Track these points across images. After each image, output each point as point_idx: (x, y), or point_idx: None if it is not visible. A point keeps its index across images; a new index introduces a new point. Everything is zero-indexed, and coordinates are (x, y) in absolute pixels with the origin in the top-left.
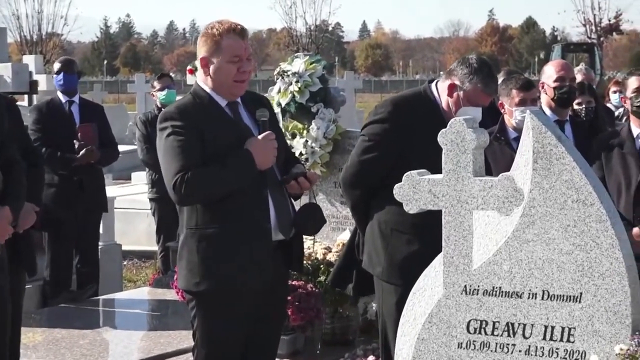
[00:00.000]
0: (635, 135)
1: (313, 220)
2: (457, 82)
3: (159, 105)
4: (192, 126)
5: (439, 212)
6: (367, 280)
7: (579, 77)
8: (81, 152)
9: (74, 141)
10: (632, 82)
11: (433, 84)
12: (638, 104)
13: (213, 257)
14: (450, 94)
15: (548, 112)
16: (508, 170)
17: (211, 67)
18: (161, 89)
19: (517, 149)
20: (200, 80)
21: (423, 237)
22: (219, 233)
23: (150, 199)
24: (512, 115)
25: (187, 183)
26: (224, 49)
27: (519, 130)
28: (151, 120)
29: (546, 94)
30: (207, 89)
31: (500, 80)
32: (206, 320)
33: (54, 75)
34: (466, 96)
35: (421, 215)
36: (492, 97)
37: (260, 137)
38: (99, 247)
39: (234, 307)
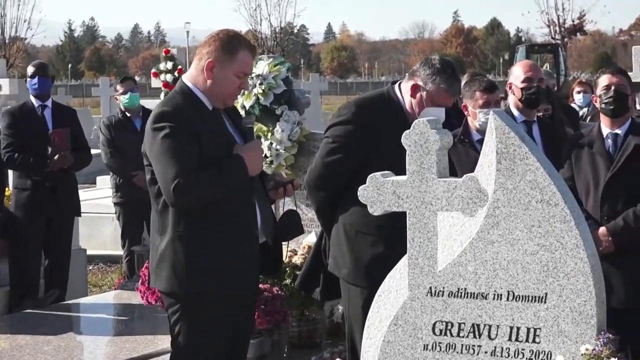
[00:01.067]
0: (604, 135)
1: (293, 227)
2: (420, 83)
3: (122, 109)
4: (189, 128)
5: (404, 214)
6: (334, 284)
7: None
8: (54, 158)
9: (48, 146)
10: (602, 80)
11: (396, 85)
12: (606, 101)
13: (202, 260)
14: (413, 95)
15: (516, 112)
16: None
17: (215, 72)
18: (124, 93)
19: (481, 151)
20: (193, 80)
21: (388, 238)
22: (210, 237)
23: (115, 203)
24: (475, 117)
25: (187, 186)
26: (237, 62)
27: (482, 132)
28: (115, 124)
29: (514, 94)
30: (196, 91)
31: (463, 83)
32: (191, 323)
33: (28, 79)
34: (429, 97)
35: (386, 216)
36: (455, 98)
37: (249, 144)
38: None
39: (223, 310)
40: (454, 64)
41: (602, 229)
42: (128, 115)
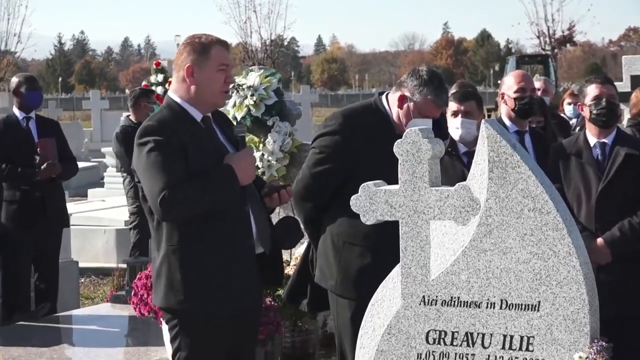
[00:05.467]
0: (592, 144)
1: (291, 233)
2: (407, 94)
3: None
4: (175, 141)
5: (391, 224)
6: (321, 296)
7: (537, 86)
8: (42, 167)
9: (35, 156)
10: (591, 90)
11: (383, 96)
12: (598, 112)
13: (198, 274)
14: (400, 106)
15: (508, 122)
16: None
17: (197, 76)
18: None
19: (467, 163)
20: (177, 92)
21: (376, 249)
22: (203, 250)
23: (133, 214)
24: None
25: (173, 199)
26: (212, 58)
27: (467, 144)
28: (129, 133)
29: (506, 104)
30: (181, 102)
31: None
32: (192, 339)
33: (27, 92)
34: (416, 108)
35: (373, 227)
36: (443, 109)
37: (239, 152)
38: None
39: (220, 325)
40: (442, 75)
41: (599, 240)
42: None
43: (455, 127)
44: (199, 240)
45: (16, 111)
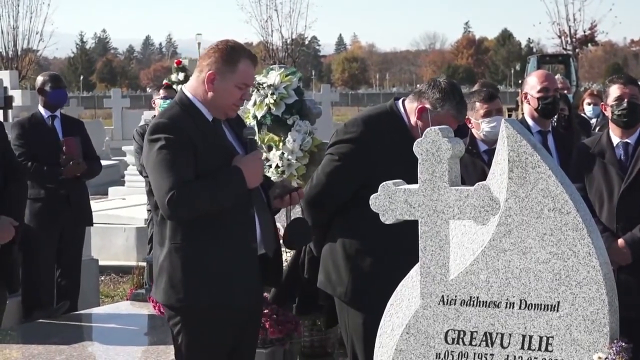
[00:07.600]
0: (615, 144)
1: (302, 234)
2: (428, 106)
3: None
4: (186, 140)
5: (405, 232)
6: (310, 299)
7: None
8: (67, 165)
9: (60, 154)
10: (613, 90)
11: (399, 102)
12: (619, 113)
13: (199, 274)
14: (419, 117)
15: (531, 122)
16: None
17: (216, 84)
18: (165, 98)
19: (487, 161)
20: (193, 91)
21: (389, 258)
22: (206, 250)
23: (149, 210)
24: (479, 128)
25: (182, 198)
26: (238, 73)
27: (487, 142)
28: None
29: (529, 104)
30: (195, 101)
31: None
32: (191, 336)
33: (52, 91)
34: (436, 120)
35: (387, 235)
36: (461, 123)
37: (248, 155)
38: None
39: (220, 324)
40: (460, 87)
41: (620, 241)
42: None
43: (491, 125)
44: (202, 240)
45: (41, 109)
